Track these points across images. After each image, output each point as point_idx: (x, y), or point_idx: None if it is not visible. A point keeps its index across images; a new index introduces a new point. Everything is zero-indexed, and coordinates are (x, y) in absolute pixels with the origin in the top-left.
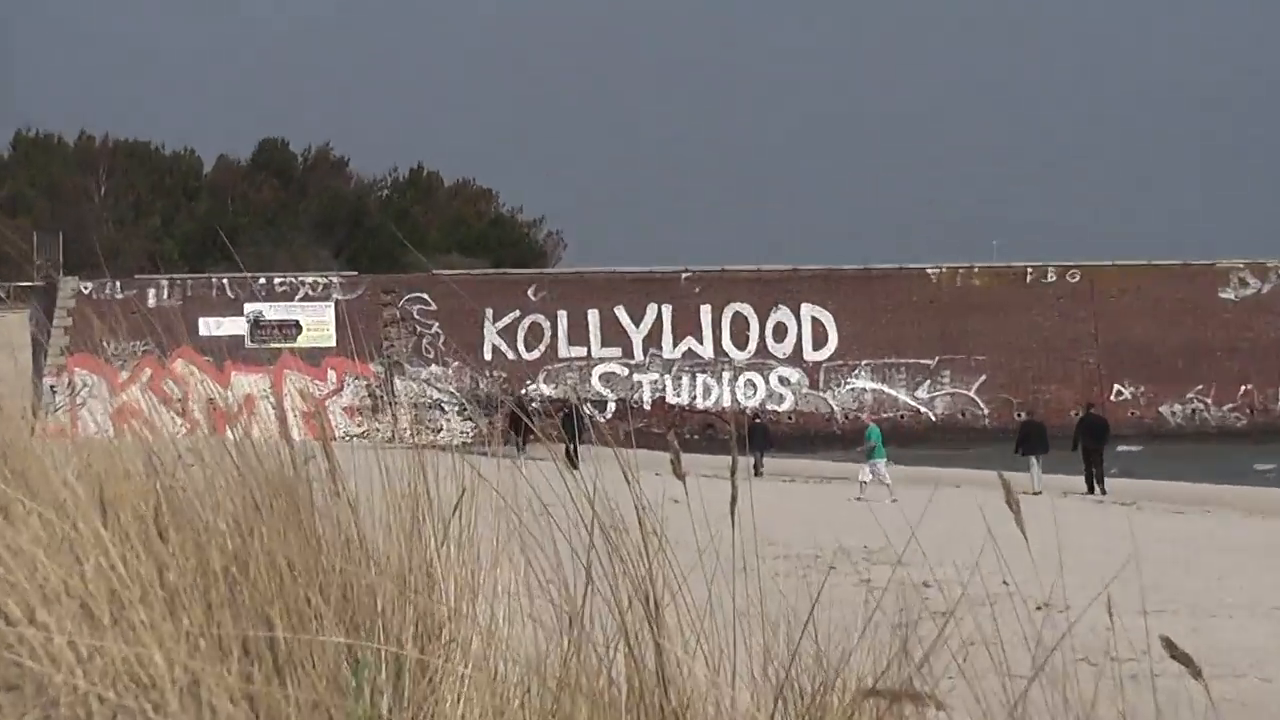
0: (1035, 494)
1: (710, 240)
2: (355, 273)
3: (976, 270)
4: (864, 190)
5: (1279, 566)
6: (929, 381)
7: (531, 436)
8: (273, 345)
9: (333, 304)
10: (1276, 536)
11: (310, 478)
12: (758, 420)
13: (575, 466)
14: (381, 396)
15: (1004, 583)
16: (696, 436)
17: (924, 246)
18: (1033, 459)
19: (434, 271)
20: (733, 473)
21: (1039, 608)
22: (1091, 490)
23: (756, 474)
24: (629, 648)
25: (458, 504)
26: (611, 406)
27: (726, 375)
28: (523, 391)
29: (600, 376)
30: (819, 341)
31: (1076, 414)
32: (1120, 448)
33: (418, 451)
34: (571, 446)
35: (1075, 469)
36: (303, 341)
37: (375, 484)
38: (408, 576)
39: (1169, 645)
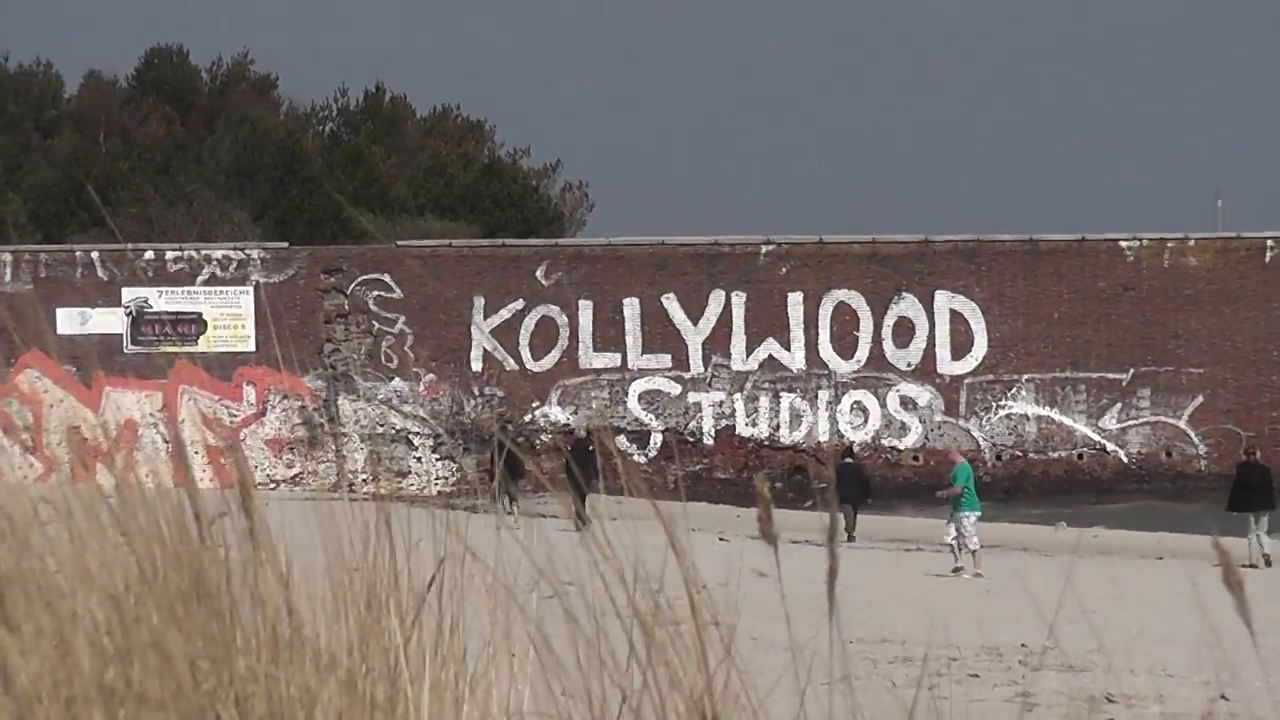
0: (1253, 566)
1: (802, 199)
2: (285, 244)
3: (1193, 243)
4: (1024, 130)
5: None
6: (1120, 405)
7: (531, 482)
8: (164, 349)
9: (251, 289)
10: None
11: (221, 542)
12: (849, 459)
13: (584, 523)
14: (322, 425)
15: (1223, 697)
16: (780, 484)
17: (1113, 208)
18: (1252, 518)
19: (399, 243)
20: (830, 537)
21: None
22: None
23: (848, 538)
24: None
25: (432, 581)
26: (656, 440)
27: (824, 396)
28: (526, 418)
29: (640, 396)
30: (961, 347)
31: None
32: None
33: (377, 505)
34: (580, 496)
35: None
36: (207, 344)
37: (315, 551)
38: (362, 683)
39: None
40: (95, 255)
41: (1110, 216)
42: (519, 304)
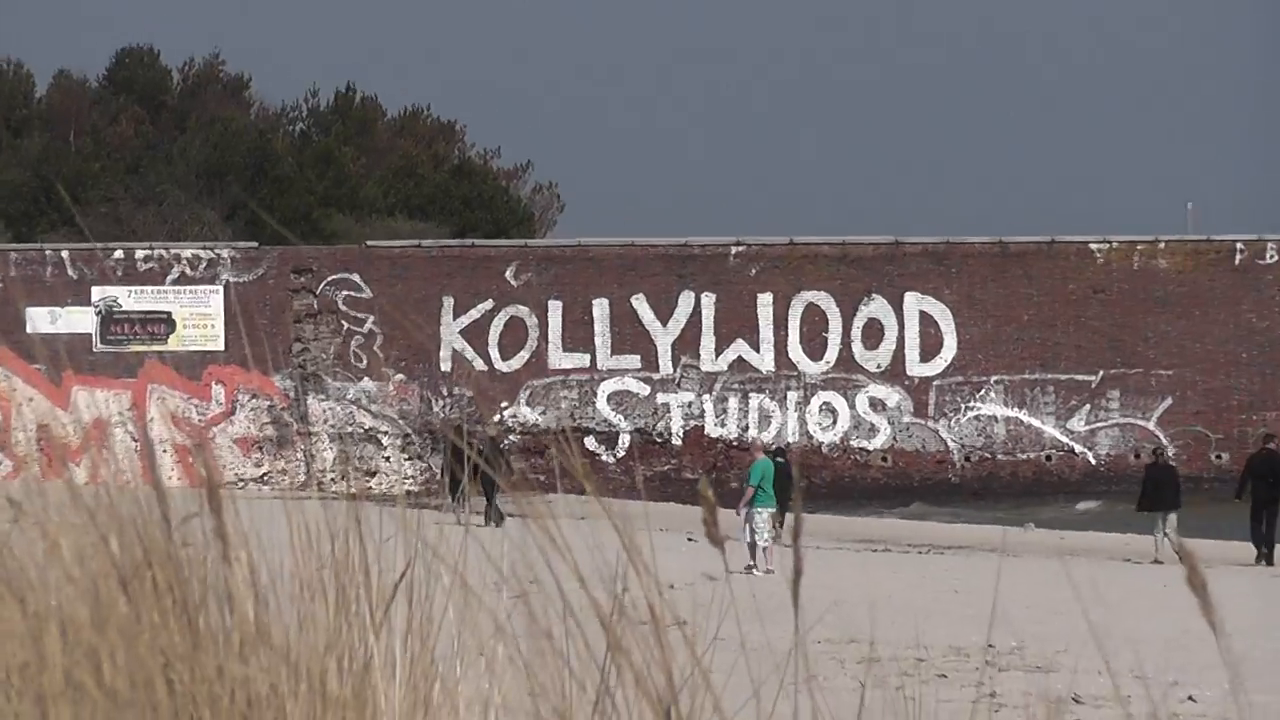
0: (1159, 562)
1: (774, 201)
2: (255, 244)
3: (1163, 246)
4: (995, 132)
5: None
6: (1089, 407)
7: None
8: (133, 348)
9: (221, 289)
10: None
11: (189, 541)
12: (779, 459)
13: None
14: (291, 424)
15: (1189, 698)
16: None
17: (1084, 212)
18: (1160, 518)
19: (369, 243)
20: (796, 536)
21: None
22: (1262, 558)
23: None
24: None
25: (400, 579)
26: (625, 441)
27: (794, 397)
28: (496, 418)
29: (609, 397)
30: (930, 348)
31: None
32: None
33: (346, 504)
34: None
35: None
36: (176, 343)
37: (283, 550)
38: (331, 681)
39: None
40: (65, 254)
41: (1080, 219)
42: (488, 304)
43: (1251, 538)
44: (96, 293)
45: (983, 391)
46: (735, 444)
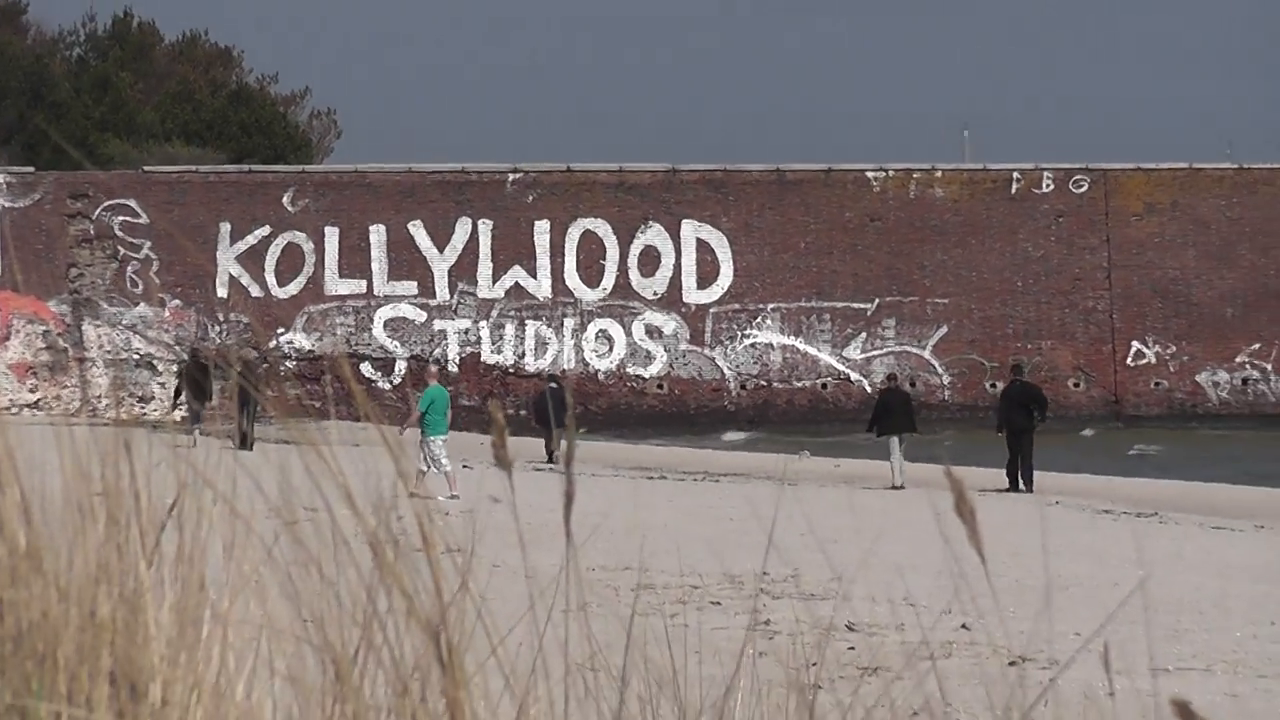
0: (896, 488)
1: (552, 130)
2: (31, 169)
3: (939, 174)
4: (773, 63)
5: None
6: (865, 335)
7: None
8: None
9: None
10: None
11: None
12: (553, 385)
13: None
14: (66, 350)
15: (963, 626)
16: (525, 412)
17: (862, 140)
18: (894, 441)
19: (146, 169)
20: (568, 461)
21: (1012, 663)
22: (1016, 485)
23: (551, 460)
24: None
25: (173, 506)
26: (401, 367)
27: (570, 324)
28: (272, 344)
29: (386, 324)
30: (707, 276)
31: (1013, 379)
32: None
33: (117, 429)
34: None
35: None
36: None
37: (56, 476)
38: (102, 609)
39: (1185, 715)
40: None
41: (857, 147)
42: (265, 230)
43: (1007, 466)
44: None
45: (759, 319)
46: (512, 370)
